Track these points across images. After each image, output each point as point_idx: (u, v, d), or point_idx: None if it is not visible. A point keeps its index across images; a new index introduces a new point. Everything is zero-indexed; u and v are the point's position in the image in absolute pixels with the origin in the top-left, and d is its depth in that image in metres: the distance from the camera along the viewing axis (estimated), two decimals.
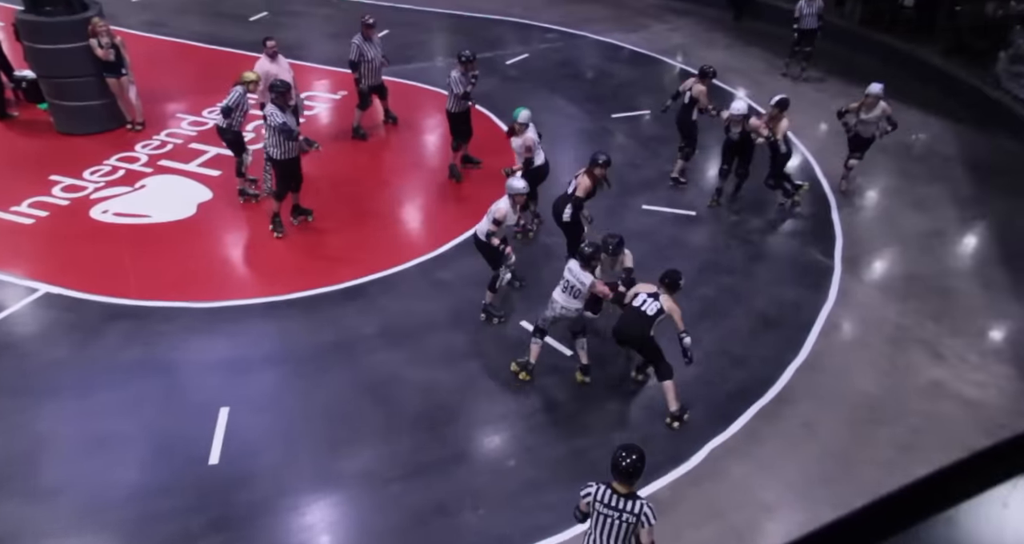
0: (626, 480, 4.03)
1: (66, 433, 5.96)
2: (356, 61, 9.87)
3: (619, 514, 4.02)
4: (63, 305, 7.34)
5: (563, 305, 6.26)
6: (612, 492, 4.05)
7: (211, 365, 6.67)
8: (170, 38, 13.93)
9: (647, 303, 6.02)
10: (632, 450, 4.05)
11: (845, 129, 9.08)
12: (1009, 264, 8.18)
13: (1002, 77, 11.00)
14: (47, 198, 8.95)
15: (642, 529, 4.03)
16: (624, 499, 4.03)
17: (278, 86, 7.89)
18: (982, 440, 6.04)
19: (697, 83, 9.20)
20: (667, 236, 8.60)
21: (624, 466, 4.00)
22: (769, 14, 14.88)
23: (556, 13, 15.51)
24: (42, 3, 9.78)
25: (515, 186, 6.91)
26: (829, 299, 7.64)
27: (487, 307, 7.29)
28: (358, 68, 9.93)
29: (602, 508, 4.05)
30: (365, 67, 9.94)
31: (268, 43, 9.24)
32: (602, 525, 4.08)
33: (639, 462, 4.02)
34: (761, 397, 6.44)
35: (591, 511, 4.11)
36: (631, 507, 4.01)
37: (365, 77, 10.03)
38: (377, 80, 10.23)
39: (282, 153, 7.99)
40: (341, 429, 6.08)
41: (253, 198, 9.04)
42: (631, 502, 4.02)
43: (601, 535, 4.10)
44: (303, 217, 8.66)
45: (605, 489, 4.07)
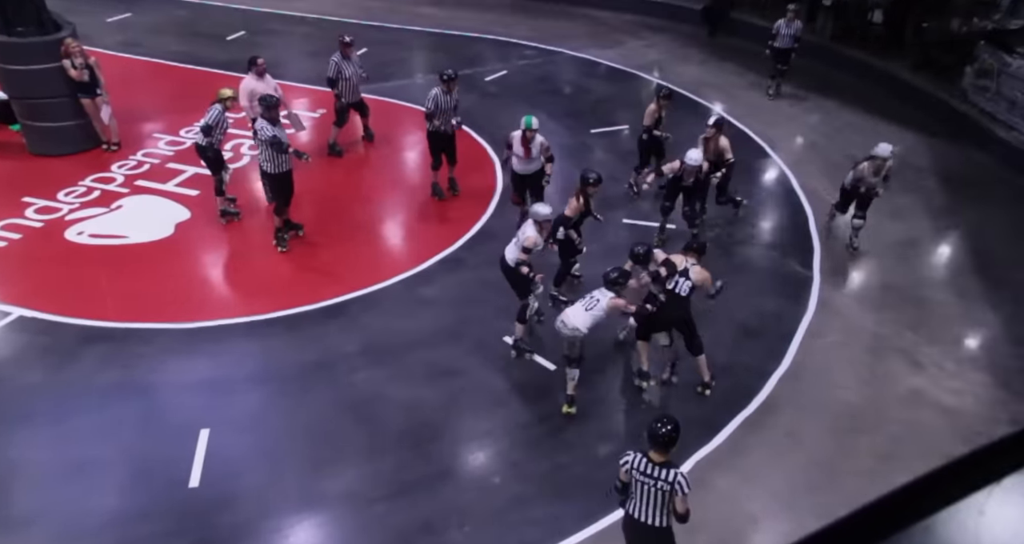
0: (662, 449, 4.31)
1: (40, 460, 5.84)
2: (334, 78, 9.97)
3: (654, 482, 4.29)
4: (37, 328, 7.22)
5: (573, 326, 6.06)
6: (648, 460, 4.32)
7: (191, 386, 6.59)
8: (146, 58, 13.87)
9: (679, 285, 6.31)
10: (668, 421, 4.35)
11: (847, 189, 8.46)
12: (982, 273, 8.32)
13: (969, 91, 11.25)
14: (20, 220, 8.83)
15: (676, 497, 4.27)
16: (659, 467, 4.29)
17: (266, 100, 7.95)
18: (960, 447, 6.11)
19: (651, 103, 9.19)
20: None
21: (661, 435, 4.30)
22: (743, 30, 15.12)
23: (534, 30, 15.65)
24: (14, 24, 9.70)
25: (540, 212, 6.62)
26: (809, 309, 7.71)
27: (517, 343, 6.94)
28: (336, 85, 10.01)
29: (639, 475, 4.34)
30: (343, 84, 10.02)
31: (258, 61, 9.26)
32: (641, 491, 4.38)
33: (674, 432, 4.31)
34: (745, 407, 6.48)
35: (630, 479, 4.39)
36: (666, 475, 4.27)
37: (344, 94, 10.08)
38: (356, 97, 10.27)
39: (275, 167, 8.03)
40: (324, 449, 6.01)
41: (235, 216, 8.96)
42: (666, 470, 4.29)
43: (641, 501, 4.40)
44: (293, 231, 8.64)
45: (642, 457, 4.34)
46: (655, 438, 4.31)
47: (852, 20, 13.54)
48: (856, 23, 13.54)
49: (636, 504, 4.42)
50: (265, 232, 8.64)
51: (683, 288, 6.30)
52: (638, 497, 4.39)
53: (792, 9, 11.83)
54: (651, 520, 4.38)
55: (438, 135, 9.12)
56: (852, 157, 10.70)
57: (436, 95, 8.83)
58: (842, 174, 10.30)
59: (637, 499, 4.40)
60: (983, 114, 10.95)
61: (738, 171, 9.62)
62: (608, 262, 6.72)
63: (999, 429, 6.18)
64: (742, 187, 9.90)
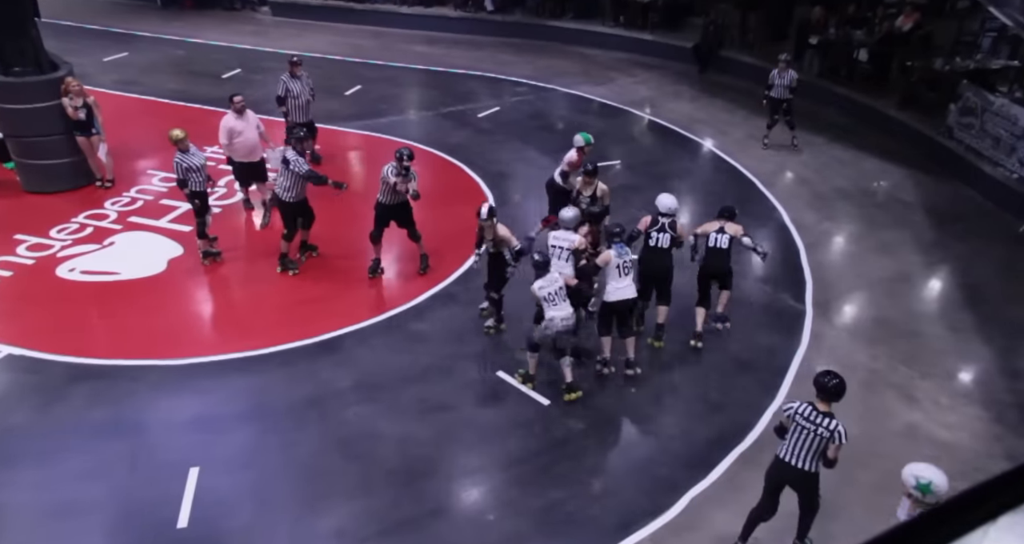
0: (830, 399, 4.76)
1: (24, 502, 5.72)
2: (283, 97, 10.33)
3: (815, 428, 4.72)
4: (26, 367, 7.15)
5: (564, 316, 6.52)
6: (813, 409, 4.76)
7: (181, 424, 6.51)
8: (142, 96, 14.00)
9: (718, 240, 7.28)
10: (834, 373, 4.83)
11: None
12: (973, 308, 8.35)
13: (954, 128, 11.44)
14: (11, 257, 8.80)
15: (832, 445, 4.72)
16: (823, 416, 4.73)
17: (295, 132, 8.26)
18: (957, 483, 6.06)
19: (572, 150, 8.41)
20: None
21: (831, 386, 4.75)
22: (732, 68, 15.40)
23: (526, 68, 15.90)
24: (11, 64, 9.80)
25: (566, 216, 7.00)
26: (802, 343, 7.71)
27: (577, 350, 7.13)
28: (285, 103, 10.35)
29: (802, 420, 4.76)
30: (292, 102, 10.36)
31: (235, 99, 9.27)
32: (798, 436, 4.78)
33: (842, 384, 4.77)
34: (740, 443, 6.42)
35: (790, 424, 4.79)
36: (828, 424, 4.70)
37: (291, 112, 10.41)
38: (305, 117, 10.52)
39: (292, 196, 8.19)
40: (315, 486, 5.93)
41: (216, 257, 8.88)
42: (829, 419, 4.72)
43: (795, 445, 4.81)
44: (309, 252, 8.82)
45: (808, 406, 4.79)
46: (824, 389, 4.76)
47: (838, 58, 13.80)
48: (843, 61, 13.80)
49: (790, 448, 4.82)
50: (257, 268, 8.63)
51: (722, 242, 7.28)
52: (793, 442, 4.80)
53: (783, 59, 11.55)
54: (802, 464, 4.81)
55: (386, 207, 8.22)
56: (841, 191, 10.87)
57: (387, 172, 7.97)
58: (830, 210, 10.44)
59: (792, 444, 4.81)
60: (969, 150, 11.12)
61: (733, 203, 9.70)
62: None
63: (996, 464, 6.15)
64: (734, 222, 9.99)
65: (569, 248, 6.97)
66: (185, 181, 8.27)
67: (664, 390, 7.12)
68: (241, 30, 18.35)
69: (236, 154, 9.42)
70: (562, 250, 6.98)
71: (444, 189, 10.79)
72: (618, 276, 6.81)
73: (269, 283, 8.52)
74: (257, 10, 20.45)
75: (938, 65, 12.61)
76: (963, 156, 11.16)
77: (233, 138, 9.24)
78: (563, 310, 6.53)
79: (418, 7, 18.93)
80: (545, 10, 18.09)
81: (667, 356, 7.53)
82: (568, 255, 6.98)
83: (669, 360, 7.49)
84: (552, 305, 6.51)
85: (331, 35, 18.18)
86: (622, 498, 5.92)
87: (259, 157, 9.60)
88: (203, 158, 8.48)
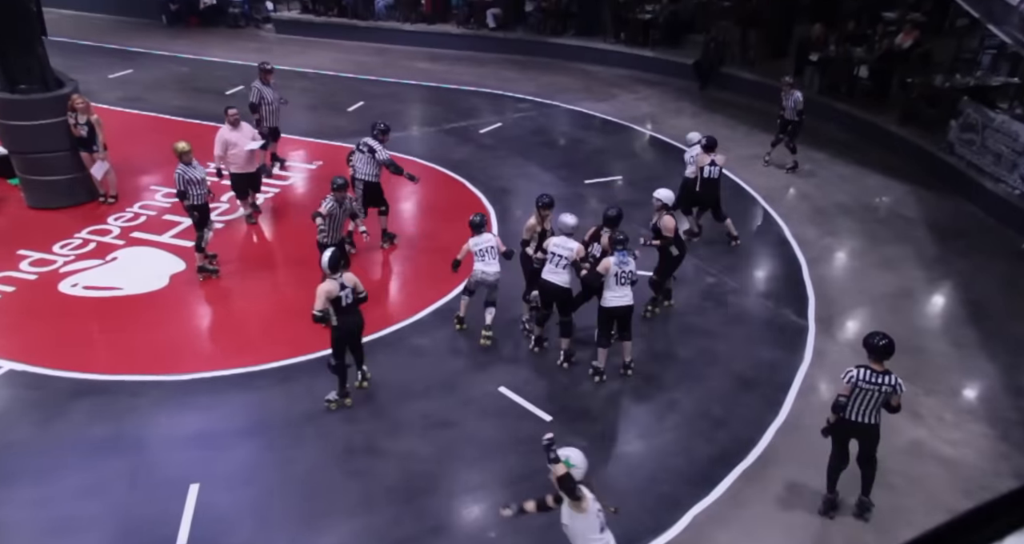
0: (883, 357, 5.33)
1: (22, 519, 5.69)
2: (256, 103, 10.74)
3: (878, 386, 5.30)
4: (27, 383, 7.13)
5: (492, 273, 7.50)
6: (870, 370, 5.32)
7: (181, 440, 6.48)
8: (146, 112, 14.09)
9: (711, 171, 9.07)
10: (882, 334, 5.41)
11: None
12: (977, 324, 8.33)
13: (955, 144, 11.46)
14: (14, 273, 8.82)
15: (894, 396, 5.35)
16: (881, 374, 5.31)
17: (380, 127, 9.09)
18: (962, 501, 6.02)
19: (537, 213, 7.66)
20: (643, 298, 8.63)
21: (882, 346, 5.33)
22: (733, 84, 15.47)
23: (528, 84, 15.99)
24: (18, 81, 9.88)
25: (566, 222, 7.14)
26: (805, 359, 7.68)
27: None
28: (258, 110, 10.74)
29: (864, 384, 5.30)
30: (265, 109, 10.76)
31: (230, 112, 9.48)
32: (862, 397, 5.35)
33: (892, 343, 5.35)
34: (743, 459, 6.38)
35: (851, 391, 5.32)
36: (888, 380, 5.30)
37: (265, 118, 10.77)
38: (276, 122, 10.89)
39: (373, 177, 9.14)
40: (316, 503, 5.89)
41: (212, 274, 8.88)
42: (887, 376, 5.31)
43: (860, 405, 5.38)
44: (389, 242, 9.55)
45: (864, 370, 5.33)
46: (876, 349, 5.33)
47: (839, 74, 13.86)
48: (843, 77, 13.87)
49: (855, 410, 5.39)
50: (258, 283, 8.63)
51: (714, 173, 9.06)
52: (858, 403, 5.37)
53: (786, 81, 11.49)
54: (868, 419, 5.41)
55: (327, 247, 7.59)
56: (842, 206, 10.88)
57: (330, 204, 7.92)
58: (832, 225, 10.45)
59: (857, 405, 5.38)
60: (970, 166, 11.14)
61: (732, 221, 9.74)
62: None
63: (1001, 483, 6.10)
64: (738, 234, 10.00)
65: (568, 257, 7.00)
66: (185, 193, 8.35)
67: (666, 406, 7.08)
68: (245, 47, 18.50)
69: (232, 165, 9.51)
70: (561, 258, 7.00)
71: (446, 205, 10.83)
72: (615, 285, 6.84)
73: (270, 299, 8.51)
74: (261, 27, 20.63)
75: (938, 82, 12.67)
76: (964, 172, 11.17)
77: (228, 150, 9.43)
78: (492, 267, 7.50)
79: (421, 24, 19.08)
80: (547, 27, 18.22)
81: (669, 371, 7.50)
82: (566, 263, 7.02)
83: (671, 375, 7.46)
84: (482, 260, 7.48)
85: (334, 52, 18.32)
86: (624, 516, 5.85)
87: (255, 167, 9.69)
88: (204, 172, 8.56)
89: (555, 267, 7.07)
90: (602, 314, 7.04)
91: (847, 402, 5.36)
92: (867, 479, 5.71)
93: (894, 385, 5.29)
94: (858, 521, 5.77)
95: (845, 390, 5.36)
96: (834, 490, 5.82)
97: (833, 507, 5.81)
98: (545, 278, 7.16)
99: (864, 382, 5.29)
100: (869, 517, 5.78)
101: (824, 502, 5.84)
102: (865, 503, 5.77)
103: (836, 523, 5.82)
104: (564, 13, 18.27)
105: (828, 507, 5.82)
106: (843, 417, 5.44)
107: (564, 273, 7.08)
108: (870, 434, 5.51)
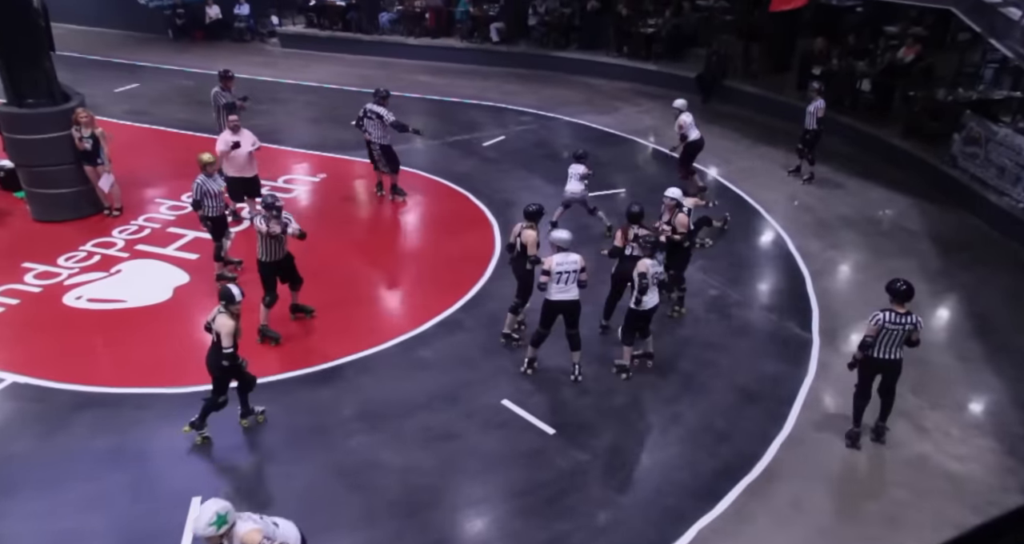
0: (904, 300, 6.12)
1: (23, 532, 5.67)
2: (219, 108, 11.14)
3: (902, 326, 6.09)
4: (30, 395, 7.13)
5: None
6: (894, 312, 6.11)
7: (183, 453, 6.46)
8: (152, 126, 14.17)
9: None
10: (902, 280, 6.22)
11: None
12: (982, 337, 8.29)
13: (958, 157, 11.47)
14: (19, 286, 8.84)
15: (915, 332, 6.13)
16: (903, 315, 6.10)
17: (381, 92, 10.57)
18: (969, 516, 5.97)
19: (526, 229, 7.61)
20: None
21: (903, 290, 6.13)
22: (736, 97, 15.51)
23: (531, 97, 16.05)
24: (25, 95, 9.95)
25: (561, 237, 7.12)
26: (809, 372, 7.65)
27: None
28: (220, 113, 11.02)
29: (890, 325, 6.09)
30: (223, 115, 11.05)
31: (230, 118, 9.77)
32: (887, 337, 6.14)
33: (912, 287, 6.17)
34: (748, 473, 6.34)
35: (877, 332, 6.11)
36: (910, 319, 6.10)
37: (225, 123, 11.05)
38: None
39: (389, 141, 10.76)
40: (317, 516, 5.85)
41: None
42: (909, 316, 6.11)
43: (886, 344, 6.17)
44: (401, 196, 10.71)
45: (889, 312, 6.11)
46: (898, 293, 6.12)
47: (842, 88, 13.90)
48: (846, 91, 13.90)
49: (882, 349, 6.17)
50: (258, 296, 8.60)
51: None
52: (884, 342, 6.15)
53: (814, 87, 11.44)
54: (893, 355, 6.22)
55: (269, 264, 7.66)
56: (846, 219, 10.87)
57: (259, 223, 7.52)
58: (835, 238, 10.45)
59: (883, 344, 6.16)
60: (973, 179, 11.13)
61: (735, 234, 9.74)
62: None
63: (1009, 498, 6.05)
64: (739, 249, 9.99)
65: (575, 269, 7.02)
66: (200, 203, 8.47)
67: (670, 419, 7.05)
68: (250, 61, 18.61)
69: (230, 168, 9.60)
70: (568, 275, 6.99)
71: (450, 217, 10.85)
72: (651, 288, 7.08)
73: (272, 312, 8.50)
74: (266, 42, 20.77)
75: (941, 95, 12.69)
76: (968, 185, 11.17)
77: (231, 150, 9.65)
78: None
79: (425, 38, 19.20)
80: (550, 41, 18.32)
81: (672, 384, 7.48)
82: (575, 277, 7.03)
83: (674, 388, 7.43)
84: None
85: (339, 66, 18.43)
86: (629, 530, 5.84)
87: (252, 173, 9.76)
88: (222, 186, 8.67)
89: (564, 284, 7.02)
90: (633, 316, 7.21)
91: (874, 342, 6.14)
92: (886, 408, 6.56)
93: (915, 323, 6.08)
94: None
95: (872, 331, 6.14)
96: (860, 423, 6.60)
97: (858, 439, 6.62)
98: (555, 299, 7.07)
99: (890, 323, 6.07)
100: (885, 440, 6.65)
101: (850, 435, 6.64)
102: (881, 428, 6.65)
103: (840, 539, 5.78)
104: (567, 27, 18.37)
105: (854, 440, 6.62)
106: (870, 355, 6.20)
107: (573, 288, 7.07)
108: (894, 369, 6.32)
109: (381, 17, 19.62)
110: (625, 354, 7.42)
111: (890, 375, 6.40)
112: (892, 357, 6.23)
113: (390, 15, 19.61)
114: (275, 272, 7.72)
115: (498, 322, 8.09)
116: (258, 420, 6.76)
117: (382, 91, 10.58)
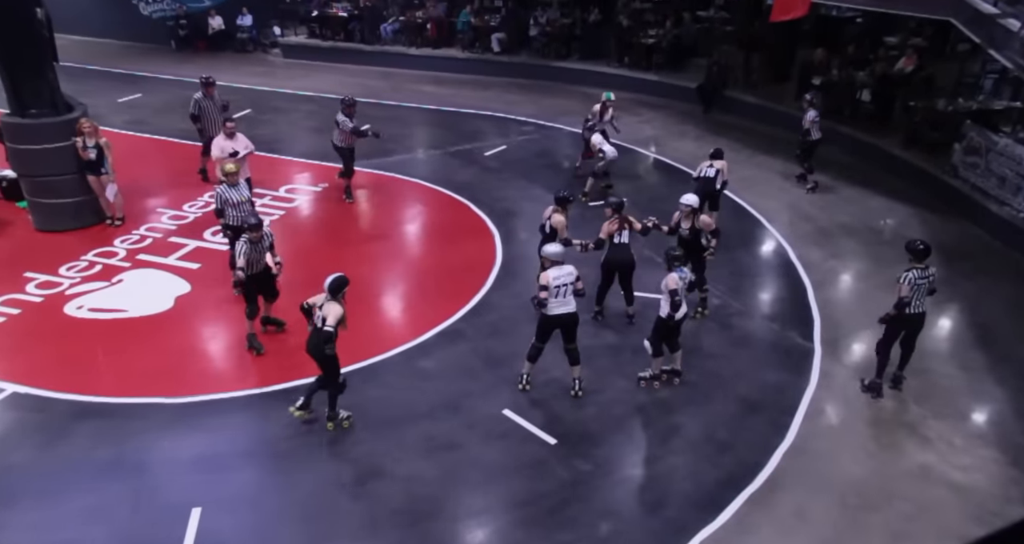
0: (924, 258, 6.85)
1: (24, 543, 5.64)
2: (196, 114, 11.33)
3: (928, 279, 6.85)
4: (30, 405, 7.12)
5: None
6: (918, 269, 6.82)
7: (184, 463, 6.45)
8: (154, 136, 14.22)
9: (705, 170, 9.88)
10: (919, 240, 6.98)
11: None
12: (984, 347, 8.27)
13: (959, 167, 11.48)
14: (20, 295, 8.84)
15: (935, 282, 6.89)
16: (924, 270, 6.83)
17: (347, 101, 10.90)
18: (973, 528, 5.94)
19: (556, 213, 8.25)
20: (650, 319, 8.61)
21: (923, 249, 6.86)
22: (736, 108, 15.55)
23: (532, 107, 16.10)
24: (28, 106, 9.98)
25: (552, 251, 7.09)
26: (811, 382, 7.63)
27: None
28: (199, 120, 11.34)
29: (918, 280, 6.79)
30: (206, 120, 11.29)
31: (227, 124, 10.14)
32: (918, 292, 6.83)
33: (929, 246, 6.91)
34: (750, 483, 6.32)
35: (909, 290, 6.77)
36: (931, 271, 6.87)
37: (207, 128, 11.23)
38: (217, 132, 10.95)
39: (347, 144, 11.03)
40: (319, 526, 5.84)
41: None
42: (928, 269, 6.84)
43: (914, 300, 6.85)
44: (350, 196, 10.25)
45: (913, 270, 6.81)
46: (918, 253, 6.84)
47: (841, 98, 13.93)
48: (846, 101, 13.93)
49: (912, 303, 6.83)
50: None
51: (710, 172, 9.78)
52: (915, 298, 6.82)
53: (806, 99, 11.67)
54: (922, 308, 6.93)
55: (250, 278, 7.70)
56: (847, 228, 10.87)
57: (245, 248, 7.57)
58: (836, 247, 10.44)
59: (913, 299, 6.81)
60: (974, 189, 11.14)
61: (736, 243, 9.74)
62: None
63: (1013, 509, 6.02)
64: (740, 258, 9.98)
65: (571, 281, 6.99)
66: (222, 211, 8.59)
67: (671, 430, 7.03)
68: (252, 71, 18.69)
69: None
70: (567, 287, 6.97)
71: (451, 227, 10.86)
72: (683, 299, 7.12)
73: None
74: (269, 52, 20.86)
75: (941, 106, 12.72)
76: (969, 195, 11.17)
77: (227, 153, 9.87)
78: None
79: (426, 48, 19.28)
80: (551, 51, 18.39)
81: (674, 394, 7.46)
82: (571, 289, 7.02)
83: (676, 398, 7.41)
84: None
85: (341, 76, 18.50)
86: (631, 541, 5.82)
87: (245, 176, 9.77)
88: (244, 196, 8.66)
89: (563, 298, 6.98)
90: (663, 326, 7.24)
91: (911, 300, 6.76)
92: (906, 358, 7.26)
93: (933, 273, 6.85)
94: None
95: (905, 291, 6.74)
96: (883, 374, 7.26)
97: (880, 390, 7.28)
98: (554, 313, 7.02)
99: (919, 279, 6.77)
100: (902, 387, 7.35)
101: (872, 386, 7.32)
102: (899, 377, 7.36)
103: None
104: (568, 37, 18.45)
105: (877, 391, 7.30)
106: (910, 313, 6.81)
107: (571, 300, 7.04)
108: (921, 321, 7.01)
109: (383, 27, 19.71)
110: (655, 365, 7.39)
111: (916, 329, 7.06)
112: (921, 310, 6.91)
113: (392, 26, 19.70)
114: (254, 285, 7.80)
115: (499, 332, 8.09)
116: (343, 425, 6.85)
117: (348, 99, 10.99)
